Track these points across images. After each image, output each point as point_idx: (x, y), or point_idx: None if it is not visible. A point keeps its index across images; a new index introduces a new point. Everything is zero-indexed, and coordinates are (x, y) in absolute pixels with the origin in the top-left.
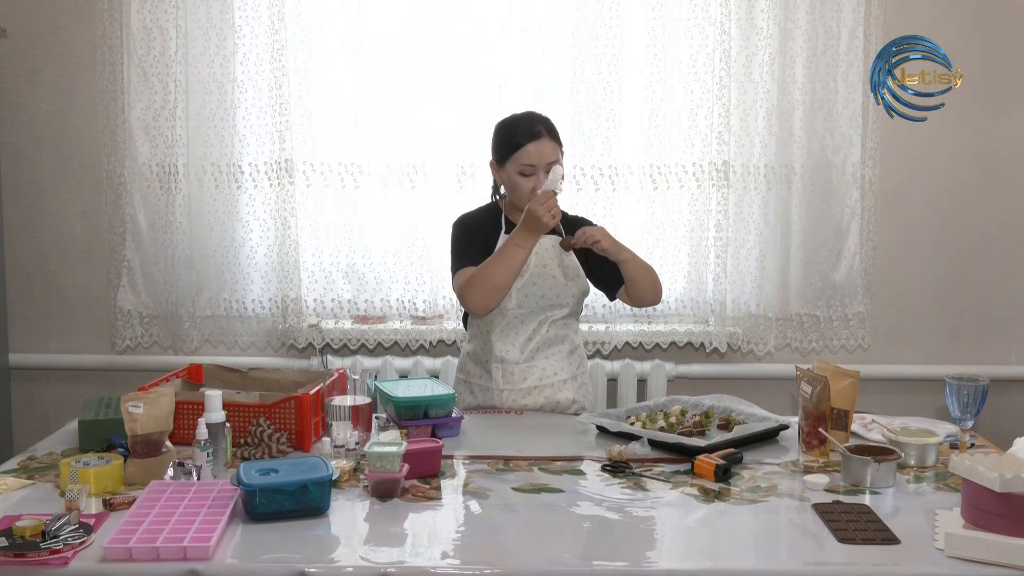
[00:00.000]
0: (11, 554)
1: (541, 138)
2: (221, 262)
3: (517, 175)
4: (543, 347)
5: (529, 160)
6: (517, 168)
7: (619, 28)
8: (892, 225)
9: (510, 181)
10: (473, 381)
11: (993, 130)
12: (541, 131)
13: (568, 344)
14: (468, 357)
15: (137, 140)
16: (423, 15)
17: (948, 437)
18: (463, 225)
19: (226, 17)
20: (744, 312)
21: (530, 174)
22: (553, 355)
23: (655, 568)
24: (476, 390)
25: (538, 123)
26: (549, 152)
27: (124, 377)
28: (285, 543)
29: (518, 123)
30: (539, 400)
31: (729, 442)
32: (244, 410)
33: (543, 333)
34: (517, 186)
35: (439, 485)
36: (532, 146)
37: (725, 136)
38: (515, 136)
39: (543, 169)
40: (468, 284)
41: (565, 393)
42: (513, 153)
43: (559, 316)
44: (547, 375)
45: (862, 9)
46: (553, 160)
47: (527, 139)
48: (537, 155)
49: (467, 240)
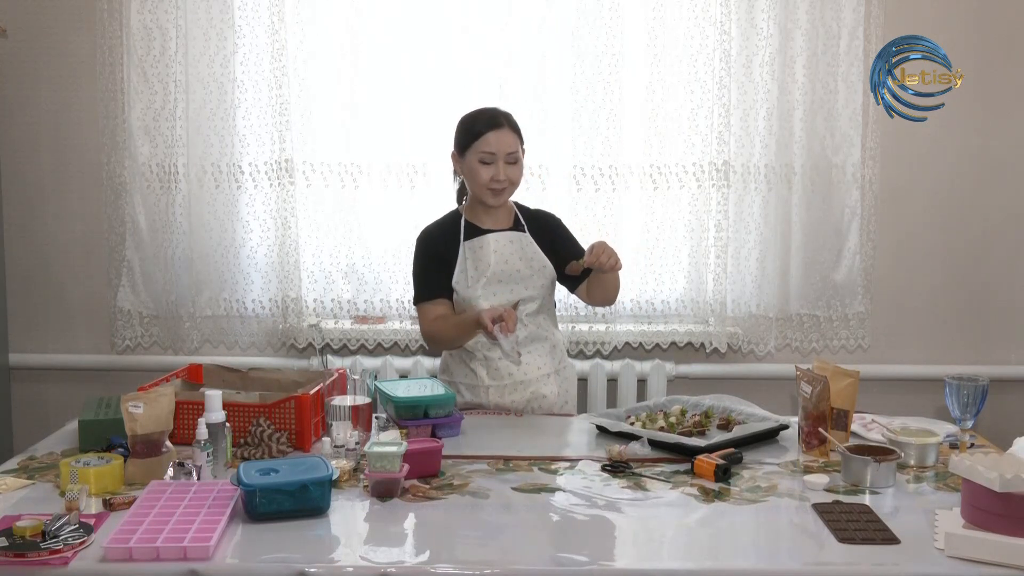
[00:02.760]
0: (11, 554)
1: (502, 128)
2: (221, 262)
3: (477, 163)
4: (525, 343)
5: (489, 148)
6: (477, 156)
7: (619, 28)
8: (892, 225)
9: (470, 169)
10: (458, 380)
11: (993, 130)
12: (502, 122)
13: (549, 340)
14: (450, 357)
15: (137, 140)
16: (423, 15)
17: (948, 437)
18: (424, 243)
19: (226, 17)
20: (744, 312)
21: (489, 162)
22: (536, 350)
23: (655, 568)
24: (462, 388)
25: (500, 116)
26: (510, 142)
27: (124, 377)
28: (285, 543)
29: (481, 114)
30: (525, 395)
31: (729, 442)
32: (244, 410)
33: (522, 329)
34: (476, 173)
35: (439, 485)
36: (492, 135)
37: (725, 136)
38: (476, 125)
39: (503, 158)
40: (430, 339)
41: (549, 387)
42: (474, 142)
43: (532, 309)
44: (531, 370)
45: (862, 9)
46: (513, 150)
47: (488, 128)
48: (497, 143)
49: (427, 262)
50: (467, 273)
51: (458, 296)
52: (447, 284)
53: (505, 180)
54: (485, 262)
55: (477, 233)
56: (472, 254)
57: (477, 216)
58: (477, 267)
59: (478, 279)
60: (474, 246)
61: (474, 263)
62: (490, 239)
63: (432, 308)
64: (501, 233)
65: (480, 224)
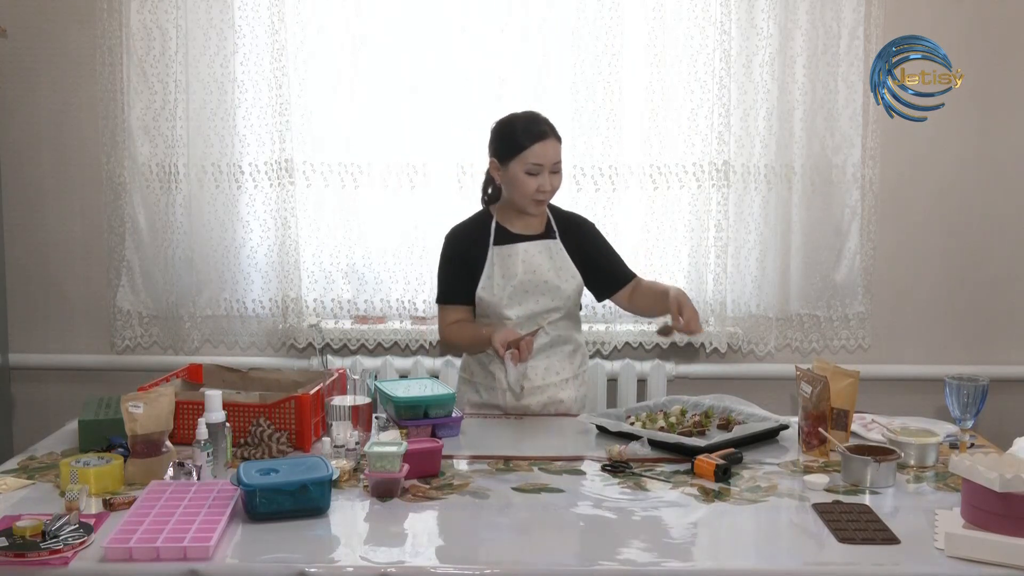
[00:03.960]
0: (11, 554)
1: (547, 138)
2: (221, 262)
3: (523, 174)
4: (545, 347)
5: (536, 159)
6: (523, 167)
7: (619, 28)
8: (892, 225)
9: (513, 179)
10: (477, 380)
11: (993, 130)
12: (547, 132)
13: (571, 344)
14: (470, 358)
15: (137, 140)
16: (423, 15)
17: (948, 437)
18: (451, 243)
19: (226, 17)
20: (744, 312)
21: (536, 173)
22: (555, 355)
23: (655, 568)
24: (480, 389)
25: (544, 125)
26: (555, 152)
27: (124, 377)
28: (285, 543)
29: (523, 123)
30: (541, 399)
31: (729, 442)
32: (244, 410)
33: (544, 337)
34: (522, 184)
35: (439, 485)
36: (539, 146)
37: (725, 136)
38: (520, 136)
39: (548, 168)
40: (444, 342)
41: (567, 392)
42: (519, 153)
43: (557, 317)
44: (549, 374)
45: (862, 9)
46: (558, 160)
47: (533, 139)
48: (544, 155)
49: (452, 263)
50: (494, 279)
51: (482, 302)
52: (470, 288)
53: (551, 190)
54: (513, 271)
55: (508, 238)
56: (500, 260)
57: (509, 219)
58: (504, 274)
59: (504, 287)
60: (503, 253)
61: (502, 270)
62: (520, 248)
63: (451, 312)
64: (532, 242)
65: (511, 228)
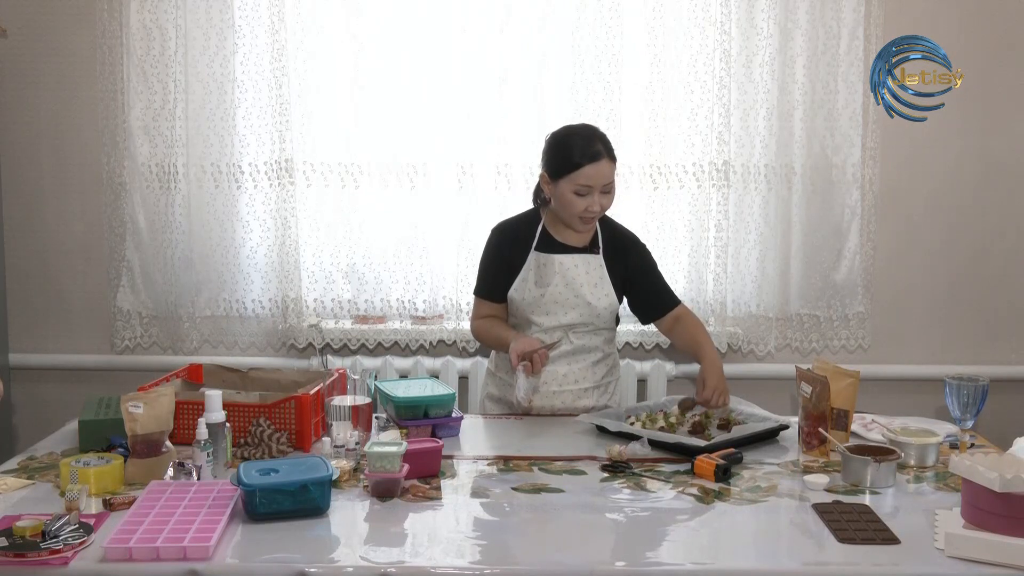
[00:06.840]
0: (11, 554)
1: (600, 159)
2: (221, 262)
3: (571, 193)
4: (567, 354)
5: (587, 182)
6: (572, 187)
7: (619, 28)
8: (892, 225)
9: (562, 197)
10: (500, 375)
11: (993, 130)
12: (601, 152)
13: (597, 353)
14: (498, 355)
15: (137, 140)
16: (423, 15)
17: (948, 437)
18: (496, 239)
19: (226, 17)
20: (744, 312)
21: (585, 194)
22: (577, 362)
23: (655, 568)
24: (501, 384)
25: (598, 143)
26: (607, 173)
27: (124, 377)
28: (285, 543)
29: (578, 141)
30: (555, 404)
31: (729, 442)
32: (244, 410)
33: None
34: (570, 203)
35: (439, 485)
36: (591, 168)
37: (725, 136)
38: (574, 155)
39: (599, 189)
40: (474, 333)
41: (586, 400)
42: (570, 172)
43: (585, 331)
44: (568, 381)
45: (862, 9)
46: (610, 180)
47: (587, 160)
48: (594, 176)
49: (493, 260)
50: (528, 284)
51: (513, 302)
52: (505, 286)
53: (599, 211)
54: (548, 280)
55: (550, 246)
56: (538, 267)
57: (556, 227)
58: (539, 282)
59: (537, 294)
60: (542, 260)
61: (537, 276)
62: (559, 259)
63: (484, 306)
64: (572, 255)
65: (557, 236)
